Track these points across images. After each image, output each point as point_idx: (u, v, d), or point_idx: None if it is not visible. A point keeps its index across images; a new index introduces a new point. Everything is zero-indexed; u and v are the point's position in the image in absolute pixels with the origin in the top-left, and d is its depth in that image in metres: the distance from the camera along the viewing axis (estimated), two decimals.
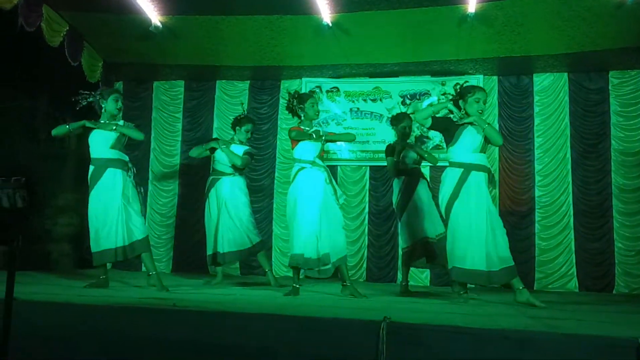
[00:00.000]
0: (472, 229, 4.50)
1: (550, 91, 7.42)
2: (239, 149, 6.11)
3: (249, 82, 8.13)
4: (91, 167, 5.05)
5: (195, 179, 7.99)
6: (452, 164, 4.69)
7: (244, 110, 6.58)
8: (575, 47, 6.76)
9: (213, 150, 6.17)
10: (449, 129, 4.75)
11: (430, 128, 4.87)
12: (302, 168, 5.00)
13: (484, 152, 4.70)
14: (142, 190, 5.28)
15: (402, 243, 5.87)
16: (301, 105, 5.11)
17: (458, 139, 4.66)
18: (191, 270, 7.63)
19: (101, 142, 5.03)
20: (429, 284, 7.29)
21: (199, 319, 3.15)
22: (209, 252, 6.08)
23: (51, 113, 7.12)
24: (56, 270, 7.00)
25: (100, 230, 4.92)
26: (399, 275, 7.23)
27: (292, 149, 5.12)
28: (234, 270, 7.66)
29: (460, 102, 4.74)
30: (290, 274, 5.18)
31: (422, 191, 5.70)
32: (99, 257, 4.94)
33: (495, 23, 6.34)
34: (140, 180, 5.62)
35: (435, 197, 5.43)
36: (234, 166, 6.05)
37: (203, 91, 8.23)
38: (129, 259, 5.18)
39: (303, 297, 4.78)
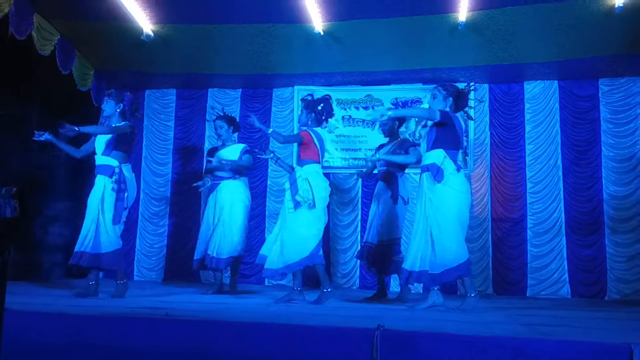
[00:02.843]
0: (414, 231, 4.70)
1: (540, 99, 7.47)
2: (235, 149, 6.16)
3: (240, 90, 8.13)
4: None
5: (187, 187, 7.96)
6: None
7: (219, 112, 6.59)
8: (565, 55, 6.81)
9: (212, 153, 6.23)
10: None
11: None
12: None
13: (436, 148, 4.66)
14: (126, 196, 5.16)
15: None
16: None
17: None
18: (183, 279, 7.59)
19: (97, 148, 5.19)
20: (421, 291, 7.28)
21: (191, 328, 3.13)
22: (197, 256, 6.09)
23: (43, 122, 7.09)
24: (48, 280, 6.95)
25: (81, 232, 5.04)
26: (392, 283, 7.26)
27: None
28: (224, 278, 7.62)
29: (450, 100, 4.77)
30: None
31: (377, 195, 5.85)
32: (73, 255, 5.02)
33: (486, 32, 6.38)
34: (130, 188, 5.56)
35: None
36: (233, 169, 6.06)
37: (195, 99, 8.23)
38: (92, 268, 5.09)
39: (296, 305, 4.77)
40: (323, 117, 5.33)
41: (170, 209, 8.10)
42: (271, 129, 5.37)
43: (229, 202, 6.04)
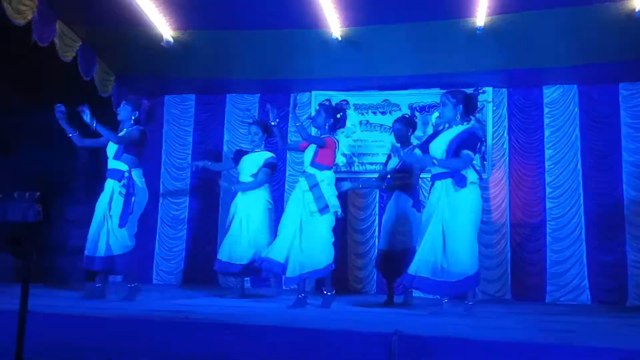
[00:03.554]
0: (426, 238, 4.57)
1: (560, 103, 7.41)
2: (259, 157, 6.14)
3: (259, 95, 8.18)
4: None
5: (205, 192, 8.03)
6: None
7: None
8: (584, 60, 6.75)
9: (238, 157, 6.26)
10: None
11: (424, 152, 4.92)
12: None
13: (452, 157, 4.60)
14: (133, 201, 5.14)
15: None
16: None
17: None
18: (201, 283, 7.63)
19: (109, 152, 5.25)
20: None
21: (209, 331, 3.16)
22: (221, 257, 6.06)
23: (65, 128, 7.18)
24: (69, 283, 7.03)
25: (89, 236, 5.09)
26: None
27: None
28: (245, 282, 7.66)
29: (460, 107, 4.71)
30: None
31: (392, 204, 5.79)
32: (84, 260, 5.07)
33: (505, 36, 6.35)
34: (151, 193, 5.60)
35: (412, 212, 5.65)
36: (254, 175, 6.06)
37: (214, 104, 8.29)
38: (100, 269, 5.11)
39: (312, 309, 4.78)
40: (338, 126, 5.40)
41: (188, 213, 8.16)
42: (299, 123, 5.37)
43: (249, 207, 6.02)
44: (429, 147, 4.73)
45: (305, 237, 4.97)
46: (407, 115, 6.27)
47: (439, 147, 4.65)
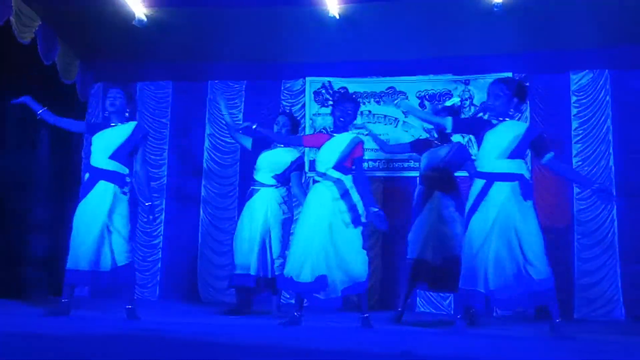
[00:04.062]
0: (484, 249, 4.48)
1: (589, 91, 7.40)
2: (286, 155, 6.03)
3: (245, 82, 8.15)
4: (86, 175, 5.07)
5: (184, 193, 8.01)
6: (476, 175, 4.70)
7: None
8: (617, 41, 6.76)
9: (256, 148, 6.10)
10: (476, 130, 4.77)
11: (454, 131, 4.89)
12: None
13: (517, 157, 4.61)
14: (150, 205, 5.12)
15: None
16: None
17: (481, 144, 4.68)
18: (180, 296, 7.62)
19: (101, 149, 5.01)
20: (452, 312, 7.25)
21: (195, 351, 3.15)
22: (240, 271, 5.94)
23: (22, 117, 7.15)
24: (28, 297, 7.00)
25: (79, 247, 4.87)
26: (418, 302, 7.24)
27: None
28: (229, 296, 7.65)
29: (516, 99, 4.69)
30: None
31: (435, 206, 5.70)
32: (71, 275, 4.87)
33: (526, 14, 6.34)
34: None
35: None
36: (276, 176, 5.96)
37: (193, 92, 8.26)
38: (106, 285, 5.03)
39: (313, 327, 4.78)
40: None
41: (165, 217, 8.13)
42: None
43: (264, 214, 5.92)
44: (482, 140, 4.68)
45: (341, 249, 4.92)
46: (455, 105, 6.13)
47: (500, 144, 4.60)
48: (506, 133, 4.62)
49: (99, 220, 4.88)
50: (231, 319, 5.58)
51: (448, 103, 7.50)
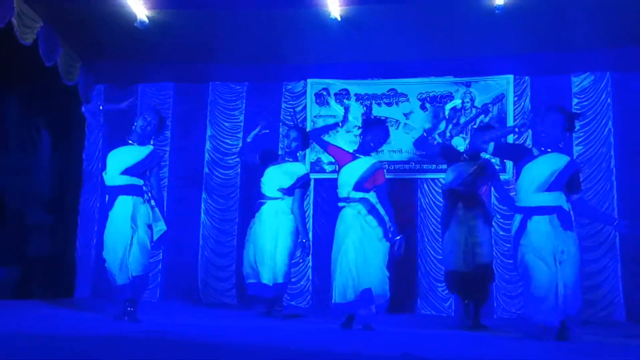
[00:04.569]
0: (539, 282, 4.45)
1: (590, 93, 7.39)
2: (293, 170, 6.01)
3: (246, 84, 8.15)
4: (106, 197, 5.12)
5: (184, 194, 8.00)
6: (515, 210, 4.73)
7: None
8: (619, 42, 6.75)
9: (266, 158, 6.10)
10: (516, 158, 4.77)
11: (494, 155, 4.90)
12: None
13: (556, 190, 4.56)
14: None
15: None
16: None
17: (520, 176, 4.64)
18: (182, 297, 7.62)
19: (114, 167, 5.06)
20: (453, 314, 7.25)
21: (197, 352, 3.16)
22: (250, 280, 5.96)
23: (24, 118, 7.17)
24: (28, 298, 7.01)
25: (115, 266, 4.90)
26: (419, 304, 7.25)
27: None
28: (230, 298, 7.66)
29: (568, 133, 4.73)
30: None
31: (463, 219, 5.70)
32: (119, 292, 4.92)
33: (527, 16, 6.33)
34: None
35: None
36: (282, 189, 5.90)
37: (195, 94, 8.26)
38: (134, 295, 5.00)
39: (315, 330, 4.79)
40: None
41: (166, 218, 8.09)
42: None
43: (273, 225, 5.87)
44: (521, 171, 4.65)
45: (370, 261, 4.95)
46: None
47: (539, 178, 4.55)
48: (546, 166, 4.56)
49: (124, 235, 4.92)
50: (234, 320, 5.59)
51: (449, 105, 7.54)
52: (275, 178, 5.95)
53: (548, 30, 6.62)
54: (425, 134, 5.88)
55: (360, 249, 4.93)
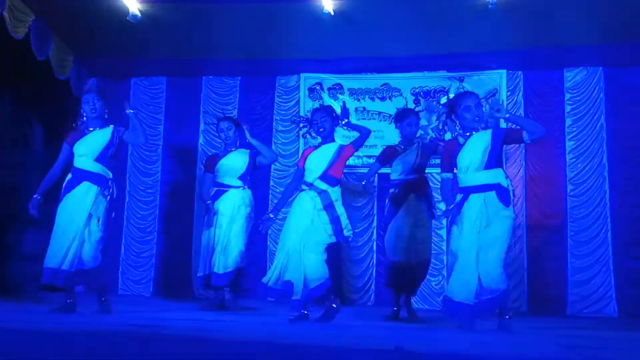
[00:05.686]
0: (460, 259, 4.50)
1: (583, 88, 7.42)
2: (241, 155, 6.15)
3: (239, 78, 8.14)
4: (68, 175, 5.07)
5: (178, 189, 8.00)
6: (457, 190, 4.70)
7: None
8: (611, 38, 6.77)
9: (212, 164, 6.20)
10: (451, 155, 4.74)
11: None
12: None
13: (494, 167, 4.56)
14: (114, 215, 5.24)
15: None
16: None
17: (457, 165, 4.66)
18: (175, 292, 7.61)
19: (85, 153, 5.06)
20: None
21: (187, 346, 3.15)
22: (201, 272, 6.05)
23: (15, 113, 7.15)
24: (19, 294, 6.99)
25: (53, 246, 4.94)
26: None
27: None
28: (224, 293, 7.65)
29: (453, 117, 4.73)
30: None
31: (411, 210, 5.69)
32: (48, 273, 4.92)
33: (520, 11, 6.35)
34: (117, 190, 5.56)
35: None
36: (242, 177, 6.05)
37: (188, 89, 8.25)
38: (71, 286, 5.02)
39: (308, 324, 4.80)
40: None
41: (159, 213, 8.12)
42: (345, 120, 5.31)
43: (229, 212, 5.99)
44: (456, 160, 4.68)
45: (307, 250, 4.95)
46: (404, 109, 6.27)
47: (474, 158, 4.58)
48: (476, 147, 4.57)
49: (77, 221, 4.92)
50: (223, 314, 5.60)
51: (442, 100, 7.53)
52: (232, 166, 6.09)
53: (541, 26, 6.64)
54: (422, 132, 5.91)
55: (303, 238, 4.95)
